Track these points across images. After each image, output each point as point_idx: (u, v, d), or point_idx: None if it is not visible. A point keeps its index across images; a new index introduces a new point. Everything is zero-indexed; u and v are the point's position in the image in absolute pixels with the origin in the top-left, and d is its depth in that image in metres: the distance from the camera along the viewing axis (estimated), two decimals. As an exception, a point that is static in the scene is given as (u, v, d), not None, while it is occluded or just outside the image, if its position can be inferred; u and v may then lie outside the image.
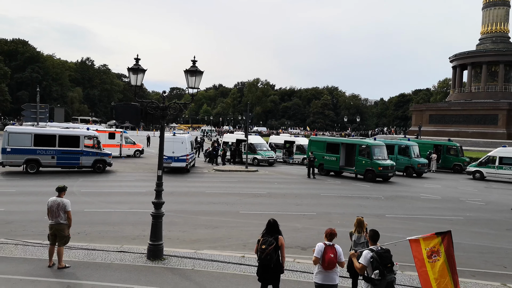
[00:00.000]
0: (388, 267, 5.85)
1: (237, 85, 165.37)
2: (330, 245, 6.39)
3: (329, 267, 6.27)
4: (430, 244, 5.96)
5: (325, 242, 6.45)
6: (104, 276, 8.64)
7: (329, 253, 6.27)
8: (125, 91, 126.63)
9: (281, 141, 38.95)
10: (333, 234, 6.52)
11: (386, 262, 5.86)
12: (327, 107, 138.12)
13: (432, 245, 5.94)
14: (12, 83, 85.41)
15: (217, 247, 11.21)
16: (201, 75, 10.09)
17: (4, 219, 13.22)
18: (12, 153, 23.32)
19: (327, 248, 6.33)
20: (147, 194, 17.55)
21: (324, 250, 6.30)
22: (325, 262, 6.25)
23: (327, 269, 6.28)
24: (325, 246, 6.35)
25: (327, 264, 6.24)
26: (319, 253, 6.32)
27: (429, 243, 5.97)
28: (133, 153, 36.77)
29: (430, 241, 5.97)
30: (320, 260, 6.30)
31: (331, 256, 6.24)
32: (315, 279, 6.44)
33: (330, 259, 6.23)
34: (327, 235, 6.52)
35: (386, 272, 5.80)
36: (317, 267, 6.41)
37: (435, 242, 5.95)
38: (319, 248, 6.35)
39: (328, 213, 16.15)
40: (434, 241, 5.96)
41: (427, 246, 5.96)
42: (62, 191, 9.05)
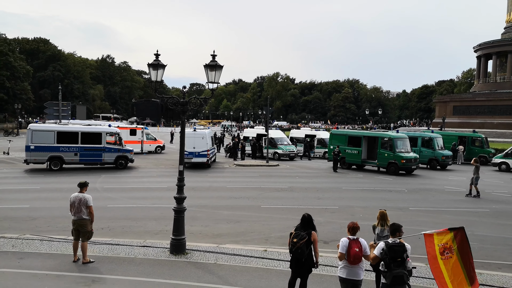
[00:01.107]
0: (397, 261, 5.71)
1: (256, 80, 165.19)
2: (355, 239, 6.27)
3: (354, 262, 6.14)
4: (442, 240, 5.74)
5: (349, 236, 6.33)
6: (128, 270, 8.67)
7: (354, 247, 6.14)
8: (146, 87, 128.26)
9: (302, 135, 38.65)
10: (355, 228, 6.39)
11: (395, 255, 5.73)
12: (348, 100, 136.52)
13: (445, 241, 5.73)
14: (35, 81, 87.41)
15: (239, 242, 11.14)
16: (221, 69, 9.98)
17: (29, 216, 13.50)
18: (35, 151, 23.80)
19: (352, 243, 6.20)
20: (169, 189, 17.63)
21: (348, 244, 6.18)
22: (351, 257, 6.11)
23: (353, 263, 6.15)
24: (349, 241, 6.23)
25: (353, 258, 6.11)
26: (344, 248, 6.19)
27: (441, 239, 5.75)
28: (154, 149, 37.10)
29: (443, 237, 5.76)
30: (346, 255, 6.16)
31: (356, 250, 6.12)
32: (340, 273, 6.32)
33: (356, 253, 6.11)
34: (350, 229, 6.40)
35: (392, 266, 5.69)
36: (342, 262, 6.28)
37: (447, 238, 5.74)
38: (343, 244, 6.23)
39: (350, 206, 15.89)
40: (446, 236, 5.75)
41: (440, 242, 5.74)
42: (83, 186, 9.12)
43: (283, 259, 9.47)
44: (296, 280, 7.07)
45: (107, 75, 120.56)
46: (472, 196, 18.28)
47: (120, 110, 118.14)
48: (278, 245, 10.75)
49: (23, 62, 78.38)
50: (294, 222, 11.43)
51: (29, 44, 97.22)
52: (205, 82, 10.27)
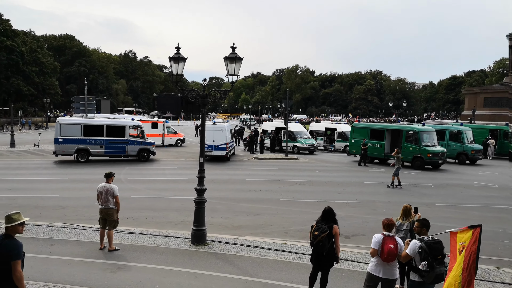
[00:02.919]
0: (438, 259, 5.54)
1: (275, 73, 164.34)
2: (390, 235, 6.14)
3: (388, 259, 5.98)
4: (462, 238, 5.56)
5: (384, 232, 6.22)
6: (151, 259, 8.98)
7: (389, 243, 5.99)
8: (166, 82, 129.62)
9: (322, 128, 38.42)
10: (391, 225, 6.29)
11: (436, 253, 5.54)
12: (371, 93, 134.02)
13: (464, 240, 5.55)
14: (62, 77, 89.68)
15: (259, 234, 11.30)
16: (241, 61, 10.09)
17: (58, 205, 14.05)
18: (64, 143, 24.60)
19: (387, 239, 6.06)
20: (189, 181, 17.96)
21: (383, 241, 6.05)
22: (384, 254, 5.96)
23: (387, 260, 5.99)
24: (383, 237, 6.09)
25: (387, 255, 5.95)
26: (377, 244, 6.07)
27: (462, 237, 5.57)
28: (175, 142, 37.65)
29: (464, 235, 5.57)
30: (379, 252, 6.03)
31: (391, 247, 5.96)
32: (371, 271, 6.17)
33: (390, 250, 5.95)
34: (385, 226, 6.28)
35: (435, 264, 5.50)
36: (375, 258, 6.14)
37: (466, 236, 5.54)
38: (376, 239, 6.11)
39: (372, 201, 15.79)
40: (466, 235, 5.55)
41: (460, 240, 5.57)
42: (110, 177, 9.47)
43: (303, 253, 9.58)
44: (317, 273, 7.11)
45: (130, 70, 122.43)
46: None
47: (142, 104, 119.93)
48: (298, 238, 10.85)
49: (51, 58, 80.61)
50: (314, 215, 11.53)
51: (56, 41, 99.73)
52: (225, 75, 10.41)
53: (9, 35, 66.78)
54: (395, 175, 18.57)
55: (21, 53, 67.39)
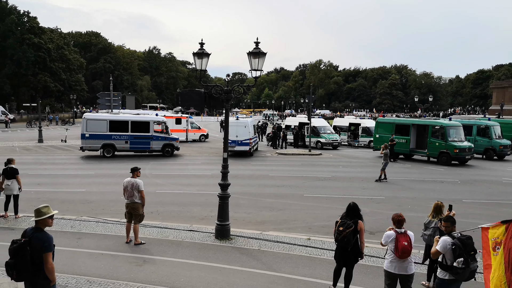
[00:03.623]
0: (471, 254, 5.43)
1: (298, 68, 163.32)
2: (402, 232, 6.07)
3: (403, 256, 5.94)
4: (495, 234, 5.35)
5: (396, 229, 6.13)
6: (176, 253, 9.07)
7: (402, 241, 5.93)
8: (190, 77, 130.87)
9: (346, 123, 37.99)
10: (401, 221, 6.17)
11: (469, 249, 5.43)
12: (395, 87, 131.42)
13: (497, 235, 5.33)
14: (87, 73, 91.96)
15: (283, 229, 11.25)
16: (264, 56, 10.02)
17: (85, 199, 14.38)
18: (90, 139, 25.15)
19: (399, 236, 5.99)
20: (213, 176, 18.07)
21: (396, 238, 5.98)
22: (399, 251, 5.92)
23: (402, 257, 5.96)
24: (396, 234, 6.03)
25: (401, 252, 5.91)
26: (388, 240, 6.07)
27: (494, 233, 5.36)
28: (198, 137, 37.97)
29: (496, 230, 5.36)
30: (393, 249, 5.99)
31: (405, 244, 5.91)
32: (387, 268, 6.14)
33: (404, 247, 5.90)
34: (396, 222, 6.18)
35: (470, 260, 5.39)
36: (390, 256, 6.11)
37: (499, 232, 5.31)
38: (389, 236, 6.07)
39: (397, 197, 15.51)
40: (499, 230, 5.32)
41: (493, 236, 5.37)
42: (135, 171, 9.60)
43: (327, 248, 9.49)
44: (341, 269, 7.05)
45: (154, 66, 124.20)
46: None
47: (165, 100, 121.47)
48: (322, 234, 10.75)
49: (77, 55, 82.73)
50: (338, 211, 11.40)
51: (82, 38, 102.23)
52: (248, 71, 10.36)
53: (37, 33, 68.85)
54: (383, 170, 18.54)
55: (48, 50, 69.37)
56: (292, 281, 7.73)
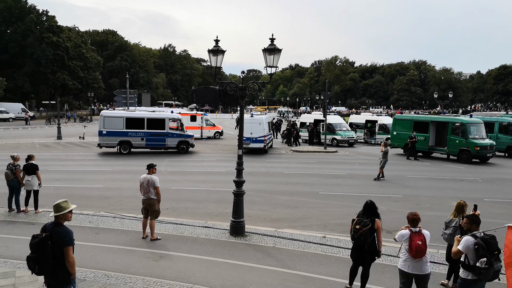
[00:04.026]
0: (495, 254, 5.30)
1: (314, 64, 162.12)
2: (417, 231, 5.98)
3: (417, 255, 5.86)
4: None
5: (410, 228, 6.04)
6: (191, 249, 9.13)
7: (416, 240, 5.85)
8: (204, 75, 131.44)
9: (362, 120, 37.57)
10: (416, 220, 6.06)
11: (493, 249, 5.30)
12: (414, 83, 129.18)
13: None
14: (105, 71, 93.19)
15: (297, 227, 11.21)
16: (280, 53, 9.97)
17: (103, 195, 14.60)
18: (107, 135, 25.51)
19: (414, 235, 5.91)
20: (227, 173, 18.12)
21: (410, 237, 5.90)
22: (413, 251, 5.83)
23: (416, 257, 5.88)
24: (411, 233, 5.95)
25: (415, 252, 5.83)
26: (401, 238, 6.02)
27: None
28: (213, 134, 38.11)
29: None
30: (407, 248, 5.92)
31: (419, 244, 5.82)
32: (402, 267, 6.06)
33: (418, 247, 5.81)
34: (410, 221, 6.08)
35: (493, 260, 5.26)
36: (404, 255, 6.04)
37: None
38: (403, 235, 5.99)
39: (415, 195, 15.27)
40: None
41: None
42: (151, 168, 9.70)
43: (343, 247, 9.41)
44: (358, 268, 6.99)
45: (169, 64, 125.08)
46: None
47: (180, 97, 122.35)
48: (337, 232, 10.68)
49: (94, 53, 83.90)
50: (353, 209, 11.30)
51: (99, 36, 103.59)
52: (263, 67, 10.33)
53: (55, 31, 70.07)
54: (382, 168, 18.28)
55: (66, 49, 70.55)
56: (308, 279, 7.70)
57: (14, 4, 67.44)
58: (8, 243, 9.23)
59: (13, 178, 11.65)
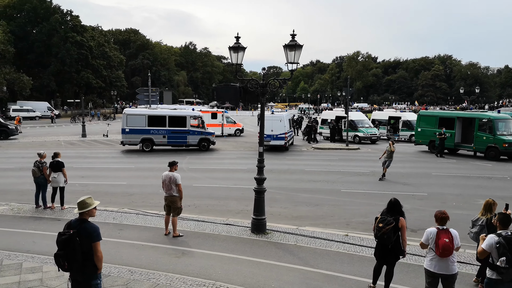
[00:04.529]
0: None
1: (335, 60, 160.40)
2: (444, 229, 5.80)
3: (444, 254, 5.66)
4: None
5: (437, 226, 5.87)
6: (213, 246, 9.17)
7: (443, 237, 5.66)
8: (225, 72, 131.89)
9: (385, 117, 36.95)
10: (444, 218, 5.88)
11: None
12: (439, 79, 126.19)
13: None
14: (127, 69, 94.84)
15: (319, 225, 11.10)
16: (301, 49, 9.87)
17: (126, 192, 14.84)
18: (130, 133, 25.88)
19: (441, 233, 5.73)
20: (248, 171, 18.12)
21: (436, 235, 5.72)
22: (439, 248, 5.64)
23: (442, 256, 5.68)
24: (437, 231, 5.77)
25: (442, 250, 5.63)
26: (427, 239, 5.82)
27: None
28: (233, 132, 38.20)
29: None
30: (433, 247, 5.73)
31: (446, 241, 5.62)
32: (428, 266, 5.89)
33: (445, 244, 5.62)
34: (438, 219, 5.90)
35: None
36: (430, 254, 5.85)
37: None
38: (430, 233, 5.81)
39: (441, 193, 14.88)
40: None
41: None
42: (173, 165, 9.76)
43: (366, 245, 9.27)
44: (381, 267, 6.86)
45: (190, 62, 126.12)
46: None
47: (201, 94, 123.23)
48: (360, 230, 10.52)
49: (117, 51, 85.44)
50: (377, 207, 11.12)
51: (122, 35, 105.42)
52: (284, 64, 10.23)
53: (79, 31, 71.68)
54: (387, 167, 17.51)
55: (90, 48, 72.08)
56: (330, 278, 7.60)
57: (39, 4, 69.27)
58: (35, 239, 9.48)
59: (40, 175, 11.96)
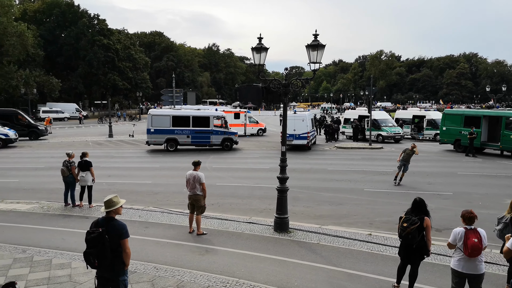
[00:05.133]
0: None
1: (358, 59, 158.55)
2: (472, 228, 5.70)
3: (473, 254, 5.56)
4: None
5: (465, 226, 5.77)
6: (236, 244, 9.28)
7: (472, 237, 5.57)
8: (247, 73, 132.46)
9: (409, 116, 36.27)
10: (472, 218, 5.78)
11: None
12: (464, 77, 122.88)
13: None
14: (152, 71, 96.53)
15: (342, 224, 11.06)
16: (323, 48, 9.86)
17: (151, 190, 15.16)
18: (155, 133, 26.39)
19: (469, 233, 5.63)
20: (270, 170, 18.18)
21: (465, 235, 5.64)
22: (468, 248, 5.54)
23: (471, 256, 5.58)
24: (465, 231, 5.68)
25: (470, 250, 5.54)
26: (455, 239, 5.73)
27: None
28: (256, 131, 38.35)
29: None
30: (461, 247, 5.65)
31: (475, 241, 5.53)
32: (455, 267, 5.81)
33: (474, 244, 5.52)
34: (466, 219, 5.81)
35: None
36: (458, 253, 5.77)
37: None
38: (457, 233, 5.73)
39: (467, 193, 14.56)
40: None
41: None
42: (197, 165, 9.94)
43: (390, 245, 9.19)
44: (406, 267, 6.81)
45: (213, 63, 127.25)
46: None
47: (224, 95, 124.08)
48: (384, 230, 10.42)
49: (142, 54, 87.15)
50: (401, 207, 11.00)
51: (147, 38, 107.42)
52: (306, 63, 10.25)
53: (106, 34, 73.54)
54: (405, 171, 16.01)
55: (116, 51, 73.82)
56: (353, 277, 7.58)
57: (67, 9, 71.47)
58: (64, 236, 9.83)
59: (69, 174, 12.37)
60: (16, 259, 8.17)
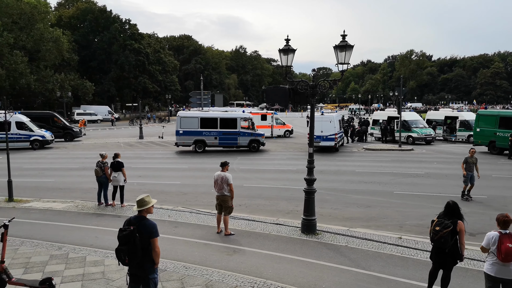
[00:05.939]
0: None
1: (387, 60, 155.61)
2: (506, 233, 5.52)
3: (507, 259, 5.39)
4: None
5: (500, 230, 5.60)
6: (263, 245, 9.32)
7: (506, 242, 5.40)
8: (274, 74, 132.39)
9: (441, 117, 35.29)
10: (508, 221, 5.60)
11: None
12: (499, 76, 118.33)
13: None
14: (180, 74, 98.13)
15: (371, 226, 10.91)
16: (351, 49, 9.77)
17: (180, 191, 15.44)
18: (183, 135, 26.85)
19: (503, 237, 5.46)
20: (297, 172, 18.12)
21: (499, 239, 5.47)
22: (502, 253, 5.38)
23: (505, 261, 5.41)
24: (500, 235, 5.51)
25: (504, 255, 5.37)
26: (490, 243, 5.56)
27: None
28: (283, 133, 38.30)
29: None
30: (495, 251, 5.49)
31: (509, 246, 5.36)
32: (488, 271, 5.65)
33: (508, 249, 5.36)
34: (501, 223, 5.63)
35: None
36: (491, 258, 5.61)
37: None
38: (491, 237, 5.57)
39: (502, 196, 14.06)
40: None
41: None
42: (224, 165, 10.05)
43: (421, 249, 8.99)
44: (437, 271, 6.65)
45: (240, 65, 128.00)
46: None
47: (251, 97, 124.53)
48: (415, 234, 10.21)
49: (171, 57, 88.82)
50: (432, 210, 10.75)
51: (176, 41, 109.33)
52: (334, 65, 10.18)
53: (137, 38, 75.43)
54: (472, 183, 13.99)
55: (146, 54, 75.58)
56: (382, 281, 7.47)
57: (100, 14, 73.81)
58: (97, 234, 10.16)
59: (102, 174, 12.77)
60: (52, 256, 8.52)
